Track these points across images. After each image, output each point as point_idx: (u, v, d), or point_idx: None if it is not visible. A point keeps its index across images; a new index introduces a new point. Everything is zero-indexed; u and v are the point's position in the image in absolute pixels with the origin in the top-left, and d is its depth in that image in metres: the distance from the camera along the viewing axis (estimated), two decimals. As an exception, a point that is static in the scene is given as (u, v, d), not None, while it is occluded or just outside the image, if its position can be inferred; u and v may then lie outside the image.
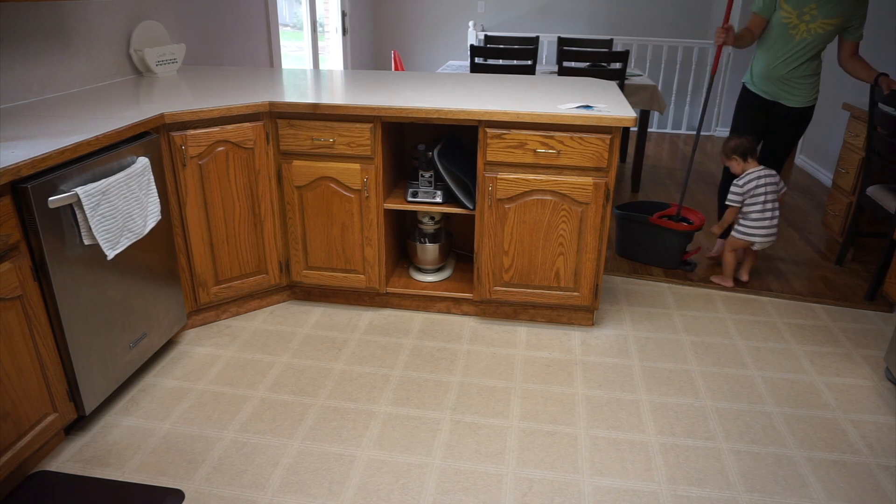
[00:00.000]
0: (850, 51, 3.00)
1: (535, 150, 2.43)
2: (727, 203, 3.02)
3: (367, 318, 2.79)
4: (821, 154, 4.96)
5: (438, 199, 2.65)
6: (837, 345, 2.66)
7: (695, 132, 6.44)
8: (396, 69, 5.45)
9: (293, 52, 5.20)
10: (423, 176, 2.66)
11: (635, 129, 5.91)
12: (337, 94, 2.66)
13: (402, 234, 3.09)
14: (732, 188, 2.99)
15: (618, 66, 4.67)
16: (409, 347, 2.57)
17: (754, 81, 3.15)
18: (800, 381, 2.41)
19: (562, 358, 2.52)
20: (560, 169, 2.46)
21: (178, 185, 2.38)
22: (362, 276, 2.74)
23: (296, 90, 2.72)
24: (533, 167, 2.47)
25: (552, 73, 4.55)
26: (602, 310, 2.89)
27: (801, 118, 3.08)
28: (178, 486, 1.85)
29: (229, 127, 2.44)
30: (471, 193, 2.65)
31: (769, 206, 2.97)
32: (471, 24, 6.38)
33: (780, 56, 3.00)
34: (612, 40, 5.28)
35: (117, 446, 2.01)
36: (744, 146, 2.99)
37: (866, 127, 3.26)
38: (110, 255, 1.97)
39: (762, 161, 3.15)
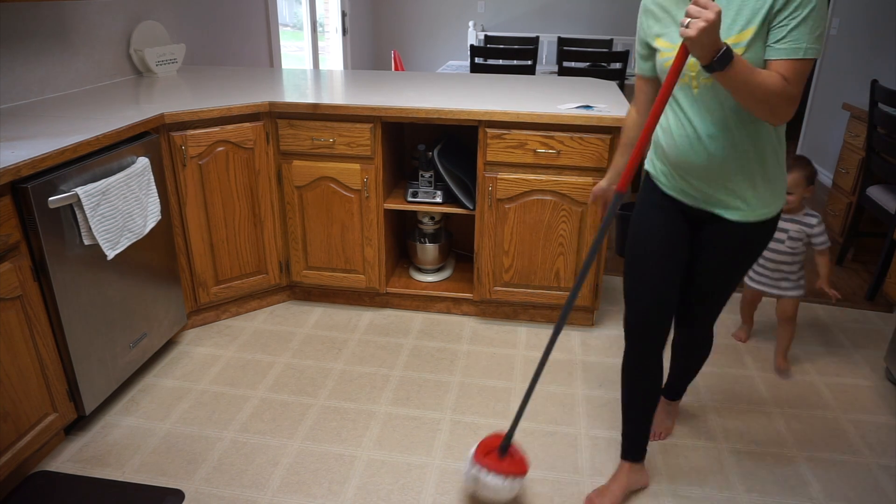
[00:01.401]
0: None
1: (535, 151, 2.43)
2: (823, 248, 2.34)
3: (367, 318, 2.79)
4: (821, 154, 4.96)
5: (438, 199, 2.65)
6: (837, 345, 2.66)
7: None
8: (396, 69, 5.44)
9: (293, 52, 5.19)
10: (423, 176, 2.66)
11: (635, 129, 5.90)
12: (337, 94, 2.66)
13: (402, 234, 3.08)
14: (817, 229, 2.31)
15: (618, 66, 4.67)
16: (409, 347, 2.57)
17: (662, 176, 1.67)
18: (800, 381, 2.41)
19: (562, 358, 2.52)
20: (560, 169, 2.46)
21: (178, 185, 2.38)
22: (362, 276, 2.74)
23: (296, 90, 2.72)
24: (533, 167, 2.47)
25: (552, 73, 4.55)
26: (602, 310, 2.89)
27: (754, 239, 1.62)
28: (178, 486, 1.85)
29: (229, 127, 2.44)
30: (471, 193, 2.65)
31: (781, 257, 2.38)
32: (471, 24, 6.38)
33: (686, 130, 1.53)
34: (612, 40, 5.28)
35: (117, 446, 2.01)
36: (809, 176, 2.30)
37: (866, 127, 3.26)
38: (110, 255, 1.97)
39: (681, 315, 1.82)
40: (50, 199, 1.77)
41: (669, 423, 2.11)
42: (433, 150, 2.62)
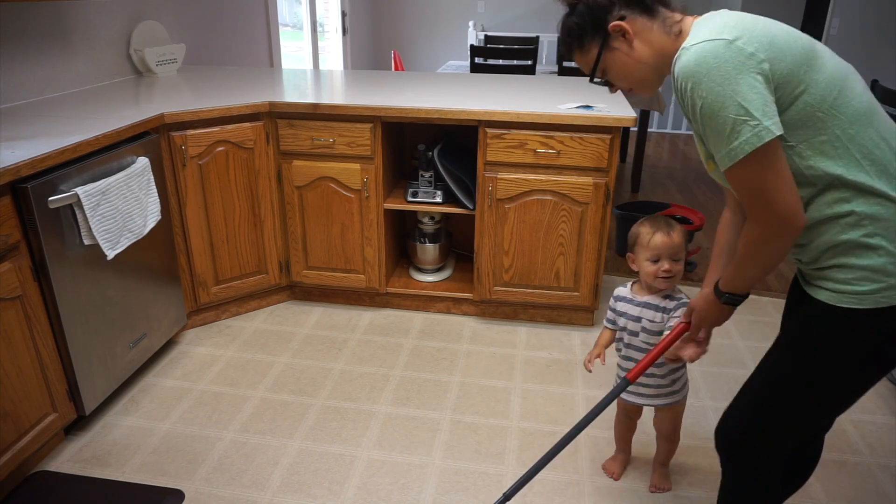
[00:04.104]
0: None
1: (535, 150, 2.43)
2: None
3: (367, 318, 2.79)
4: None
5: (438, 199, 2.65)
6: (837, 345, 2.66)
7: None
8: (396, 69, 5.44)
9: (293, 52, 5.20)
10: (423, 176, 2.66)
11: (635, 129, 5.91)
12: (337, 94, 2.66)
13: (402, 234, 3.08)
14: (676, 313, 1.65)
15: (618, 66, 4.67)
16: (409, 347, 2.57)
17: None
18: (800, 381, 2.41)
19: (562, 358, 2.52)
20: (560, 169, 2.46)
21: (178, 185, 2.38)
22: (362, 276, 2.74)
23: (296, 90, 2.72)
24: (533, 167, 2.47)
25: (552, 73, 4.55)
26: (602, 310, 2.89)
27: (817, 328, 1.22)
28: (178, 486, 1.85)
29: (229, 127, 2.44)
30: (471, 193, 2.65)
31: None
32: (471, 24, 6.38)
33: None
34: (612, 40, 5.27)
35: (117, 446, 2.01)
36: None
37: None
38: (110, 255, 1.97)
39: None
40: (50, 199, 1.77)
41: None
42: (433, 150, 2.62)
